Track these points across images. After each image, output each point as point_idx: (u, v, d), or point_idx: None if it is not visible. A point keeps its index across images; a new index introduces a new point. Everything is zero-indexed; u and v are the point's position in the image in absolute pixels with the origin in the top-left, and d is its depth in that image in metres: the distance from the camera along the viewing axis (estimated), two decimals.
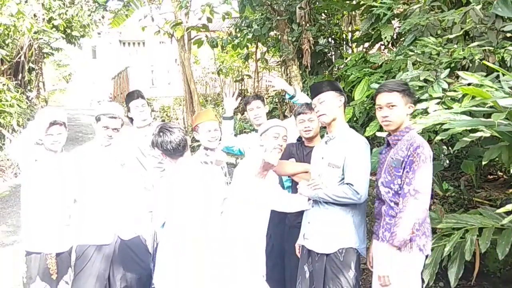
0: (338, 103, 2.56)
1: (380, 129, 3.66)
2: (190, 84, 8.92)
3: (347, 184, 2.36)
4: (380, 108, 2.32)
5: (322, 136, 3.05)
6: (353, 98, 4.76)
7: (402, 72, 3.47)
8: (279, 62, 8.22)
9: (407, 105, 2.30)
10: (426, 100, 3.04)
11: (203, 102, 11.14)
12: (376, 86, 3.67)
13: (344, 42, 7.35)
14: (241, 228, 2.51)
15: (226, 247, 2.48)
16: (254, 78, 10.46)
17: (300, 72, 6.22)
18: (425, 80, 3.21)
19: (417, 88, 3.12)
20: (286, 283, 3.04)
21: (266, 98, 11.39)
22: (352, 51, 7.22)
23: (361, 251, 2.44)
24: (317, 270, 2.42)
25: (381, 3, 4.83)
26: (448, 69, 3.09)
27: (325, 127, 2.87)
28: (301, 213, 2.85)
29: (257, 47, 7.90)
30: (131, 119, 3.78)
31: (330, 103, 2.54)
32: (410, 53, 3.59)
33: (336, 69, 6.54)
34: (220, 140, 3.35)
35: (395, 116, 2.27)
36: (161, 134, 2.46)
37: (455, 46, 3.30)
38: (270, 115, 10.14)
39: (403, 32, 4.37)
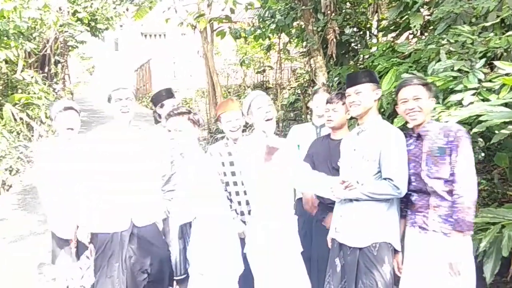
0: (375, 96, 2.51)
1: None
2: (212, 76, 8.93)
3: (385, 179, 2.31)
4: (405, 101, 2.37)
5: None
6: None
7: (434, 62, 3.38)
8: (302, 53, 8.12)
9: (430, 99, 2.37)
10: (460, 91, 2.95)
11: (226, 94, 11.15)
12: (405, 76, 3.59)
13: (369, 32, 7.20)
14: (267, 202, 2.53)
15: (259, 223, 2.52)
16: (276, 69, 10.40)
17: (325, 62, 6.13)
18: (459, 70, 3.11)
19: (451, 78, 3.04)
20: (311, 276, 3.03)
21: (288, 90, 11.33)
22: (378, 41, 7.07)
23: (396, 245, 2.39)
24: (349, 264, 2.40)
25: None
26: (484, 59, 2.99)
27: (354, 119, 2.82)
28: (330, 208, 2.83)
29: (279, 38, 7.82)
30: (159, 115, 3.71)
31: (367, 95, 2.49)
32: (443, 42, 3.48)
33: (361, 59, 6.42)
34: (243, 130, 3.30)
35: (422, 108, 2.33)
36: None
37: (491, 34, 3.18)
38: (292, 106, 10.09)
39: (433, 21, 4.24)
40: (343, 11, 6.22)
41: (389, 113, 4.73)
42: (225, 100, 3.53)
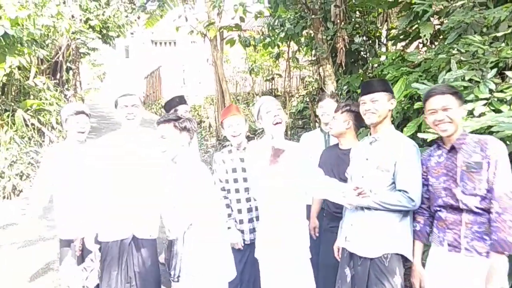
0: (390, 106, 2.50)
1: (419, 130, 3.56)
2: (222, 83, 8.98)
3: (400, 190, 2.28)
4: (434, 112, 2.22)
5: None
6: None
7: (445, 72, 3.36)
8: (311, 61, 8.13)
9: (461, 107, 2.23)
10: (471, 101, 2.93)
11: (235, 101, 11.19)
12: (418, 85, 3.58)
13: (378, 41, 7.19)
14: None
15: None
16: (285, 77, 10.41)
17: (334, 71, 6.13)
18: (470, 80, 3.09)
19: (462, 88, 3.01)
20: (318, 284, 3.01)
21: (297, 98, 11.33)
22: (387, 50, 7.05)
23: (409, 256, 2.36)
24: (359, 274, 2.37)
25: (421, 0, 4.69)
26: (495, 69, 2.97)
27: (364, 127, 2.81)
28: (336, 218, 2.82)
29: (289, 46, 7.84)
30: None
31: (383, 104, 2.48)
32: (454, 51, 3.46)
33: (370, 68, 6.41)
34: (245, 136, 3.29)
35: (452, 119, 2.18)
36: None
37: (503, 44, 3.16)
38: (301, 114, 10.09)
39: (443, 30, 4.23)
40: (353, 20, 6.23)
41: (398, 122, 4.73)
42: (227, 106, 3.55)
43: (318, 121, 7.87)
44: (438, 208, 2.24)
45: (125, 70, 26.42)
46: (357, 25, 6.28)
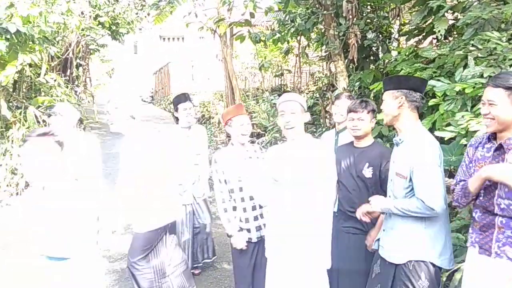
0: (396, 103, 2.36)
1: (433, 127, 3.51)
2: (231, 79, 8.96)
3: (418, 198, 2.23)
4: (483, 103, 2.03)
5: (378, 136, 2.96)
6: None
7: (463, 69, 3.32)
8: (322, 57, 8.07)
9: None
10: None
11: (244, 97, 11.17)
12: (434, 83, 3.53)
13: (390, 36, 7.11)
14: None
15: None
16: (294, 73, 10.36)
17: (345, 67, 6.08)
18: (489, 77, 3.05)
19: (480, 85, 2.97)
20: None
21: (307, 93, 11.28)
22: (399, 45, 6.97)
23: (442, 264, 2.30)
24: (384, 276, 2.38)
25: None
26: None
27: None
28: (349, 218, 2.80)
29: (299, 42, 7.79)
30: (177, 119, 4.16)
31: (388, 103, 2.39)
32: (471, 48, 3.41)
33: (382, 64, 6.35)
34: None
35: (496, 116, 1.95)
36: None
37: None
38: (311, 110, 10.02)
39: (458, 26, 4.16)
40: (364, 15, 6.16)
41: None
42: (235, 104, 3.53)
43: (328, 117, 7.82)
44: (474, 209, 2.12)
45: (134, 66, 26.51)
46: (368, 21, 6.22)
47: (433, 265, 2.28)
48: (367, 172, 2.79)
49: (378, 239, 2.55)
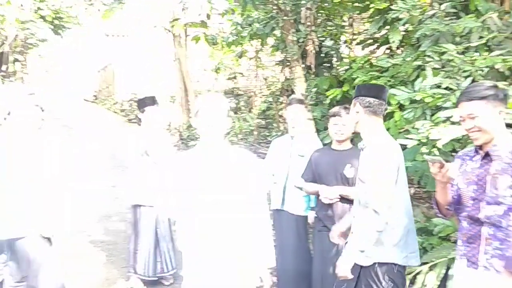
0: (354, 111, 2.44)
1: (399, 135, 3.65)
2: (185, 81, 8.79)
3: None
4: (463, 120, 2.01)
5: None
6: None
7: (422, 79, 3.47)
8: (278, 62, 8.14)
9: (495, 111, 1.94)
10: (448, 108, 3.05)
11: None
12: (395, 91, 3.66)
13: (343, 44, 7.34)
14: None
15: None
16: (248, 76, 10.38)
17: (304, 73, 6.18)
18: (446, 88, 3.22)
19: (440, 96, 3.13)
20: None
21: (260, 97, 11.33)
22: (349, 54, 7.20)
23: (407, 262, 2.37)
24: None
25: (389, 7, 4.82)
26: (470, 78, 3.10)
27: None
28: (328, 218, 2.85)
29: (259, 47, 7.81)
30: (140, 120, 4.15)
31: (350, 111, 2.49)
32: (428, 59, 3.59)
33: (336, 71, 6.53)
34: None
35: (482, 127, 1.92)
36: None
37: (475, 54, 3.31)
38: (263, 114, 10.08)
39: (415, 37, 4.36)
40: (321, 22, 6.32)
41: None
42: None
43: (282, 121, 7.90)
44: (461, 218, 2.08)
45: (77, 63, 25.20)
46: (327, 28, 6.38)
47: (397, 265, 2.33)
48: (349, 172, 2.87)
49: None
